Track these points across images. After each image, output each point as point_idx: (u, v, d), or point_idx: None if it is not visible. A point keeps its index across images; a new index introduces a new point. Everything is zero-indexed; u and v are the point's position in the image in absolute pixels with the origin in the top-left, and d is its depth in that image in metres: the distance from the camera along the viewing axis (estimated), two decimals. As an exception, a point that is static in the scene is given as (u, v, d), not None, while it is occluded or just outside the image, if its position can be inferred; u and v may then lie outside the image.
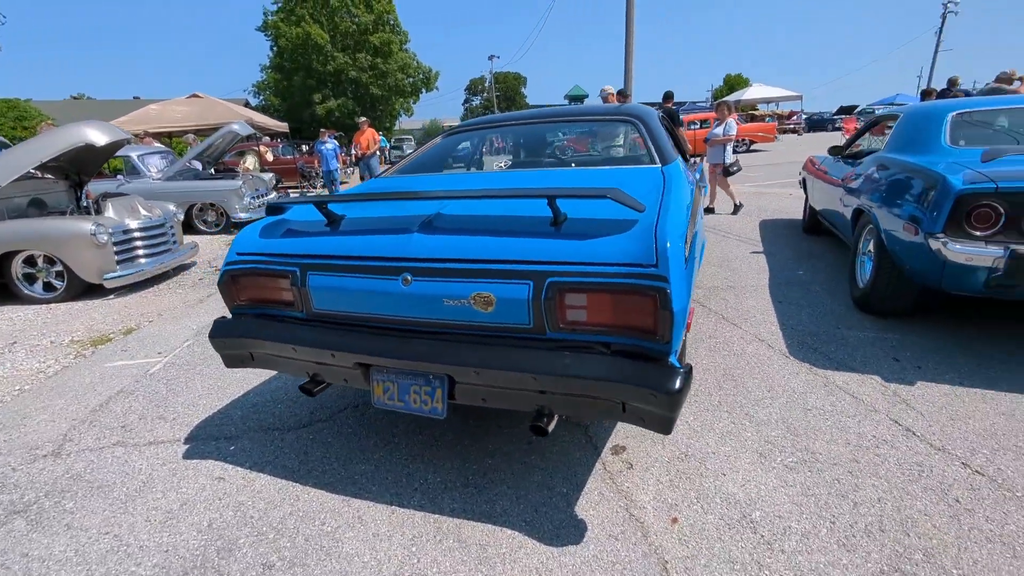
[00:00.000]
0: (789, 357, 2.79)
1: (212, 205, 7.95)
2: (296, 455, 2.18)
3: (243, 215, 7.87)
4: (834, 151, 4.75)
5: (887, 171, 3.21)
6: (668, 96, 8.20)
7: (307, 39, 28.01)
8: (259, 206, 8.20)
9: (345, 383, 1.86)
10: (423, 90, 34.78)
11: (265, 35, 30.62)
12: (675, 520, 1.69)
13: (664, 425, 1.40)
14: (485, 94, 67.97)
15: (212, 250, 6.77)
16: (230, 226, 7.97)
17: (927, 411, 2.21)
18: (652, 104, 5.04)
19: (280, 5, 29.73)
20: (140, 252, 4.96)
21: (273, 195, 9.09)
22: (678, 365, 1.40)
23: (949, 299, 2.93)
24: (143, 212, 5.15)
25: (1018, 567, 1.44)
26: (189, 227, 7.74)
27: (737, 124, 7.38)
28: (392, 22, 31.40)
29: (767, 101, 26.88)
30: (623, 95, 8.80)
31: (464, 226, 1.70)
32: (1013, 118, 3.19)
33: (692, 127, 15.13)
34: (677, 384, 1.33)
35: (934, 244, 2.40)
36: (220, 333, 1.95)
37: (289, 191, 12.91)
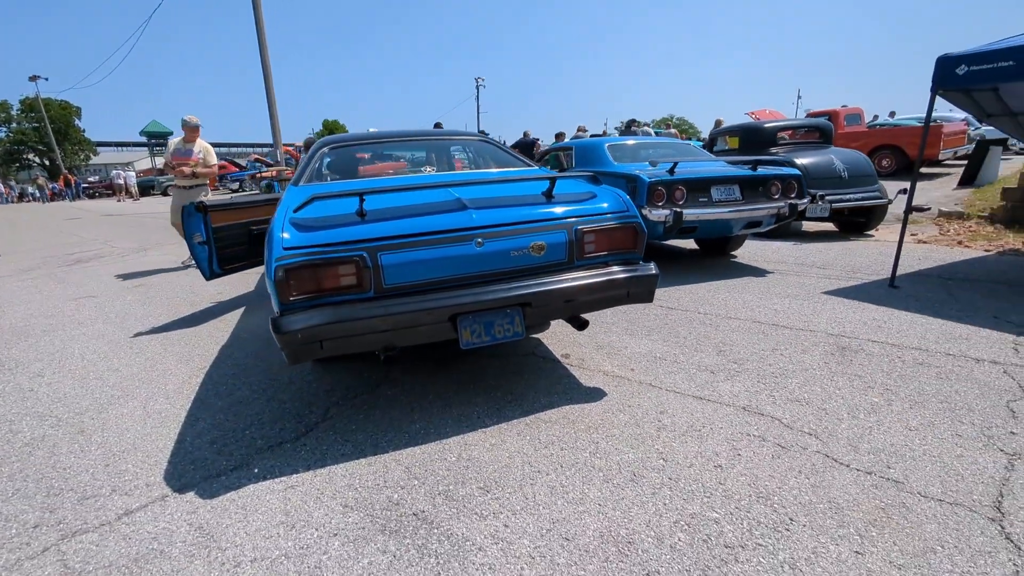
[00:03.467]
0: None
1: None
2: (339, 445, 2.21)
3: None
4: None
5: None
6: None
7: None
8: None
9: (429, 339, 2.17)
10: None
11: None
12: (632, 370, 2.81)
13: (650, 296, 2.50)
14: (14, 124, 50.62)
15: None
16: None
17: (681, 301, 4.06)
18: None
19: None
20: None
21: None
22: (647, 263, 2.52)
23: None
24: None
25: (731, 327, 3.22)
26: None
27: None
28: None
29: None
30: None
31: (501, 203, 2.34)
32: (635, 148, 5.68)
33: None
34: (654, 270, 2.46)
35: (644, 212, 4.32)
36: (294, 326, 1.89)
37: None
